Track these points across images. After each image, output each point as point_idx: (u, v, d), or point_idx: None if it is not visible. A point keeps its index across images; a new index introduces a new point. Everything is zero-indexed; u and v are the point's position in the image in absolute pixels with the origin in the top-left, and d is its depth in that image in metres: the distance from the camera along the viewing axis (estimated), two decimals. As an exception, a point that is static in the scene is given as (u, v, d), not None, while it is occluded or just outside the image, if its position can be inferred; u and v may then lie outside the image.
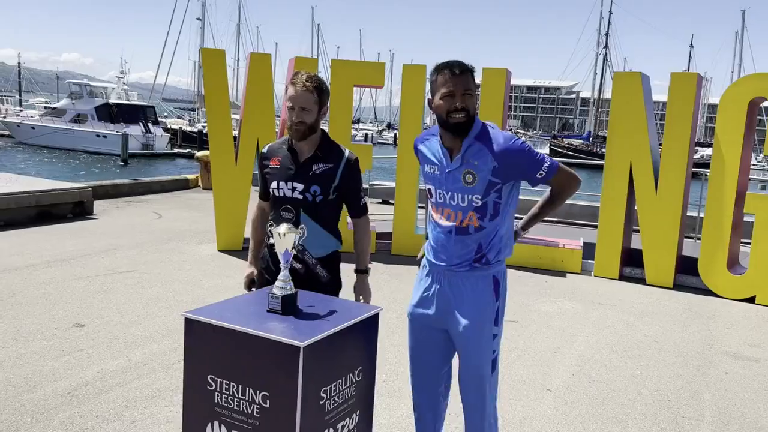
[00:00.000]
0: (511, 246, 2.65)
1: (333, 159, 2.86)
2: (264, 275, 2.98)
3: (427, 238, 2.71)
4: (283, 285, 2.38)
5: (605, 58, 69.07)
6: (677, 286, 7.07)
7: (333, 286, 2.91)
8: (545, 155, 2.55)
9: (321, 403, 2.23)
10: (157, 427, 3.38)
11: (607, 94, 68.61)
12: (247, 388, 2.19)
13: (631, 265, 7.40)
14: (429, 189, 2.64)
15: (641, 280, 7.21)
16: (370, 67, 8.47)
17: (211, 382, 2.26)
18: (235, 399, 2.22)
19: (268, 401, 2.16)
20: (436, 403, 2.77)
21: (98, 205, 9.54)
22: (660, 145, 7.44)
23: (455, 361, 2.73)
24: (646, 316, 5.99)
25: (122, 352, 4.33)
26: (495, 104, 7.29)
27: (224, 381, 2.24)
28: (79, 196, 9.03)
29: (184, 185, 12.62)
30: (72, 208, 8.89)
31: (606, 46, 69.55)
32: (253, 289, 3.04)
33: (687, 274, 7.15)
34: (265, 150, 3.05)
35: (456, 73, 2.43)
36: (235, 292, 3.14)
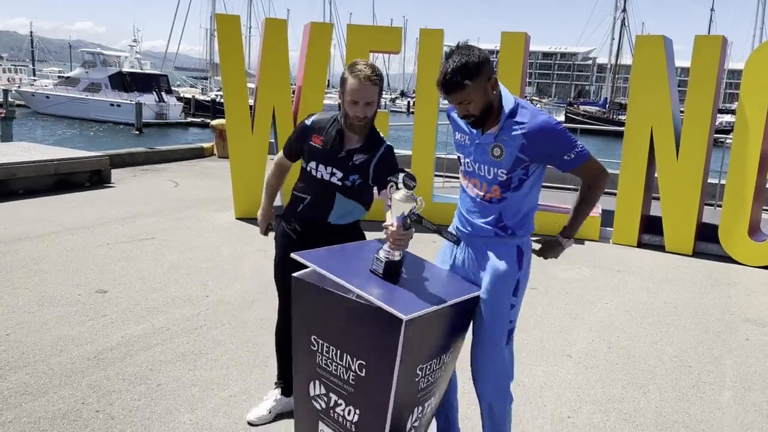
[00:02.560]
0: (532, 221, 2.63)
1: (373, 150, 2.82)
2: (291, 236, 2.97)
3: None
4: (390, 249, 2.29)
5: (623, 23, 67.81)
6: (697, 254, 7.02)
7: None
8: (578, 141, 2.45)
9: (416, 380, 2.16)
10: (183, 390, 3.44)
11: (625, 59, 67.63)
12: (345, 354, 2.15)
13: (650, 233, 7.34)
14: (459, 157, 2.62)
15: (660, 248, 7.16)
16: (385, 32, 8.36)
17: (314, 342, 2.24)
18: (333, 363, 2.19)
19: (364, 370, 2.11)
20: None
21: (115, 174, 9.59)
22: (682, 112, 7.31)
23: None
24: (666, 283, 5.96)
25: (145, 318, 4.39)
26: (513, 69, 7.18)
27: (325, 343, 2.21)
28: (97, 164, 9.08)
29: (199, 154, 12.63)
30: (89, 177, 8.94)
31: (624, 10, 68.24)
32: (271, 234, 3.06)
33: (707, 242, 7.09)
34: (309, 122, 2.92)
35: (447, 92, 2.36)
36: (254, 259, 3.16)
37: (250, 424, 3.14)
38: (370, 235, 3.00)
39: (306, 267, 2.33)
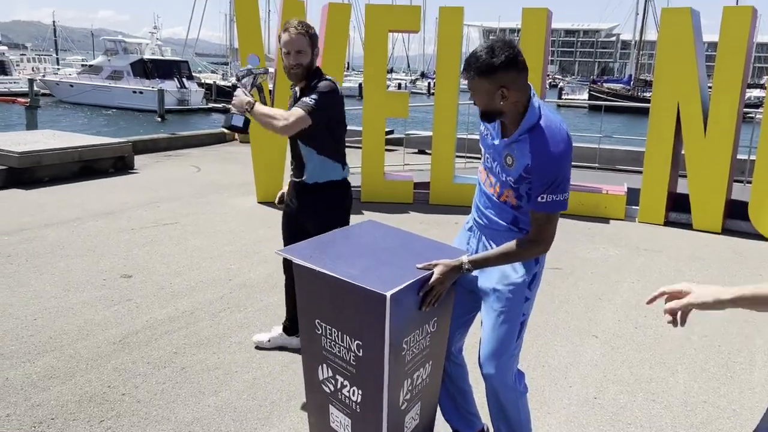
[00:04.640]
0: None
1: (312, 90, 3.06)
2: (287, 202, 3.39)
3: None
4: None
5: (648, -3, 66.08)
6: (725, 231, 6.88)
7: (328, 217, 3.09)
8: (567, 195, 2.28)
9: (402, 354, 2.18)
10: (207, 373, 3.46)
11: (649, 35, 66.12)
12: (345, 335, 2.18)
13: (678, 210, 7.20)
14: (482, 148, 2.55)
15: (688, 226, 7.02)
16: (404, 11, 8.22)
17: (318, 326, 2.27)
18: (336, 344, 2.22)
19: (361, 350, 2.14)
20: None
21: (138, 160, 9.67)
22: (710, 87, 7.12)
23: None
24: (694, 262, 5.85)
25: (169, 302, 4.42)
26: (535, 47, 7.04)
27: (327, 326, 2.23)
28: (120, 150, 9.15)
29: (221, 139, 12.67)
30: (113, 163, 9.03)
31: (649, -16, 66.46)
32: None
33: (736, 219, 6.93)
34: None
35: (468, 77, 2.26)
36: (276, 243, 3.16)
37: (255, 345, 3.72)
38: (375, 217, 2.96)
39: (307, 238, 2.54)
